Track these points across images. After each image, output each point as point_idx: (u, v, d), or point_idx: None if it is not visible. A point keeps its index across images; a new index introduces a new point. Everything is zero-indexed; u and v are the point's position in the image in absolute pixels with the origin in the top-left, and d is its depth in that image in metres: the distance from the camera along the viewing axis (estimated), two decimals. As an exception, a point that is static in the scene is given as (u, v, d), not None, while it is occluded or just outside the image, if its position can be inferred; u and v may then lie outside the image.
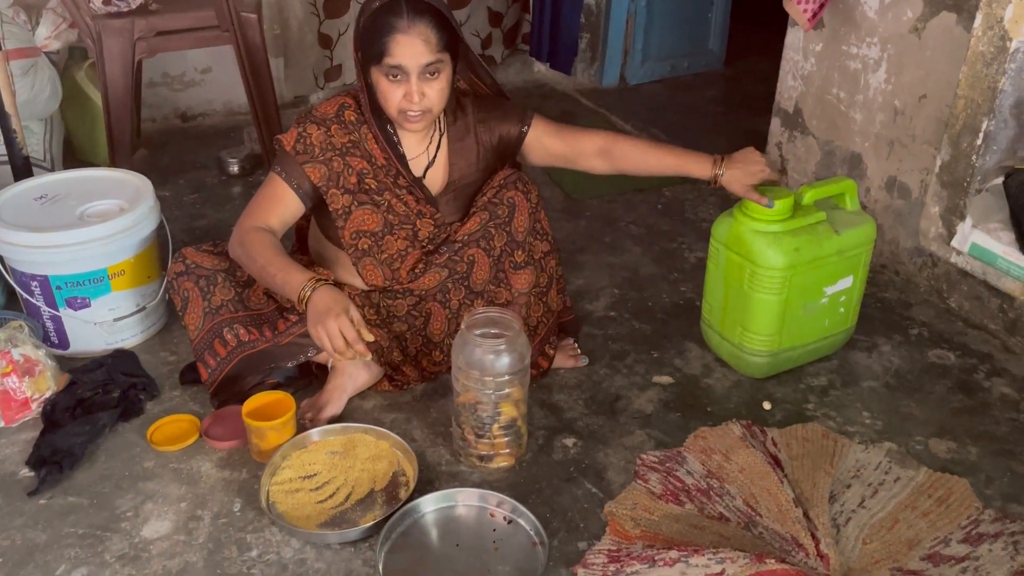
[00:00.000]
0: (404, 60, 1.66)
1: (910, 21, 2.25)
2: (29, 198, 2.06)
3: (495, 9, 3.85)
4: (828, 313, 1.97)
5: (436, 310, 1.90)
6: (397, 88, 1.69)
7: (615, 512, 1.61)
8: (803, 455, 1.75)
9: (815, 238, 1.87)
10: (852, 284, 1.97)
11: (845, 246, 1.91)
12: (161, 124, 3.40)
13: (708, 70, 4.16)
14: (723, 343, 2.01)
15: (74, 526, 1.59)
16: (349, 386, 1.86)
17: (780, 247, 1.84)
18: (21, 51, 2.59)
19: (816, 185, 1.92)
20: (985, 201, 2.14)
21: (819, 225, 1.89)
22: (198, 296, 1.82)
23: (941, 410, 1.92)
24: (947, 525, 1.60)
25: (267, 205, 1.78)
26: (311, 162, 1.77)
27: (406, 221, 1.85)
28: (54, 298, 1.96)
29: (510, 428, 1.70)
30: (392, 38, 1.65)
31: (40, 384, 1.84)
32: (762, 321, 1.90)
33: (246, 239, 1.72)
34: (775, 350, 1.94)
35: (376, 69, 1.70)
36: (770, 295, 1.87)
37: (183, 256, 1.87)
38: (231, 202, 2.83)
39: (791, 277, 1.86)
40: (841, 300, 1.97)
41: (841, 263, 1.92)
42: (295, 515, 1.58)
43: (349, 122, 1.80)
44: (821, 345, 2.02)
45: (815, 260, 1.88)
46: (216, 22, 2.63)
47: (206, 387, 1.85)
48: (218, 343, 1.81)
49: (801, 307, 1.91)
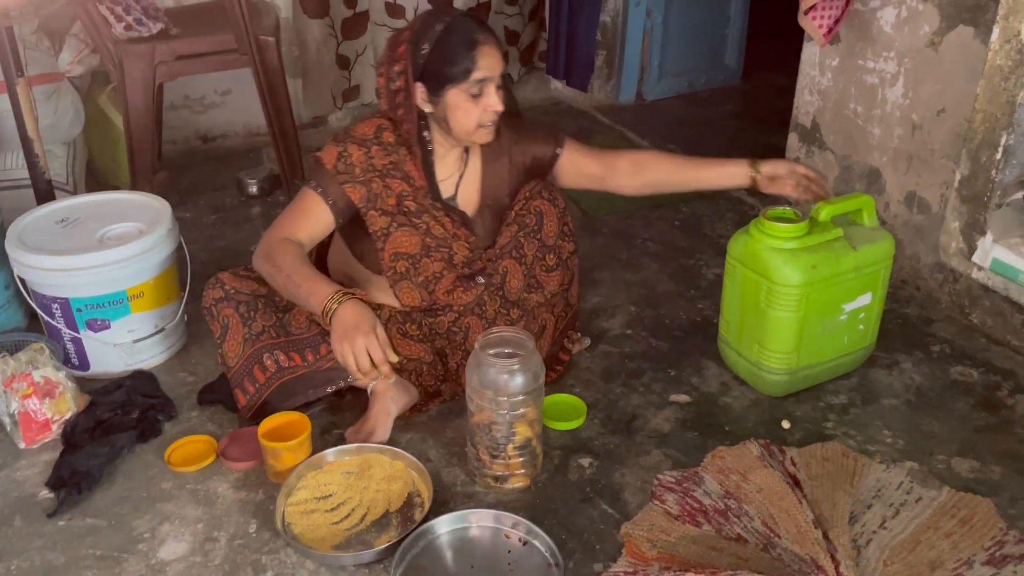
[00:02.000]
0: (490, 71, 1.71)
1: (927, 35, 2.24)
2: (50, 221, 2.09)
3: (512, 28, 3.87)
4: (847, 330, 1.95)
5: (474, 323, 1.90)
6: (477, 103, 1.72)
7: (631, 533, 1.60)
8: (823, 475, 1.73)
9: (832, 255, 1.86)
10: (871, 301, 1.95)
11: (863, 263, 1.89)
12: (182, 146, 3.44)
13: (725, 85, 4.15)
14: (740, 361, 2.00)
15: (92, 547, 1.60)
16: (393, 409, 1.84)
17: (797, 264, 1.83)
18: (44, 76, 2.63)
19: (833, 201, 1.91)
20: (1006, 216, 2.12)
21: (836, 242, 1.88)
22: (238, 323, 1.79)
23: (964, 428, 1.89)
24: (971, 546, 1.57)
25: (298, 218, 1.78)
26: (351, 182, 1.78)
27: (443, 244, 1.86)
28: (74, 320, 1.99)
29: (525, 448, 1.69)
30: (478, 51, 1.69)
31: (60, 405, 1.86)
32: (779, 339, 1.89)
33: (273, 249, 1.72)
34: (793, 368, 1.92)
35: (456, 89, 1.71)
36: (787, 312, 1.85)
37: (221, 282, 1.83)
38: (250, 223, 2.85)
39: (808, 294, 1.84)
40: (860, 317, 1.95)
41: (859, 280, 1.90)
42: (310, 536, 1.59)
43: (388, 143, 1.81)
44: (840, 363, 2.00)
45: (832, 277, 1.86)
46: (235, 46, 2.66)
47: (242, 413, 1.84)
48: (257, 369, 1.79)
49: (819, 324, 1.90)
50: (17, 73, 2.16)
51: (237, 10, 2.57)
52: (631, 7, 3.72)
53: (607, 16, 3.80)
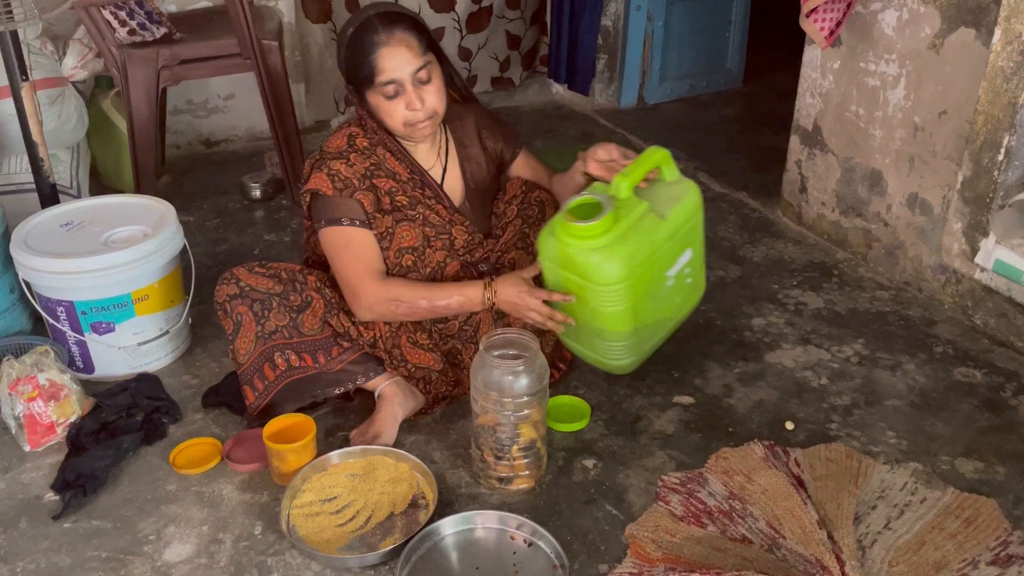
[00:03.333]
0: (395, 72, 1.69)
1: (928, 37, 2.24)
2: (55, 225, 2.09)
3: (513, 32, 3.89)
4: (677, 291, 1.88)
5: (484, 317, 1.91)
6: (397, 103, 1.72)
7: (636, 534, 1.60)
8: (827, 476, 1.73)
9: (644, 234, 1.73)
10: (692, 255, 1.86)
11: (675, 228, 1.78)
12: (185, 150, 3.45)
13: (727, 89, 4.16)
14: (585, 353, 1.91)
15: (97, 550, 1.60)
16: (400, 414, 1.84)
17: (613, 260, 1.69)
18: (48, 81, 2.64)
19: (629, 171, 1.74)
20: (1008, 217, 2.12)
21: (644, 219, 1.73)
22: (251, 320, 1.78)
23: (967, 429, 1.89)
24: (975, 547, 1.57)
25: (358, 258, 1.78)
26: (358, 191, 1.78)
27: (442, 231, 1.87)
28: (79, 323, 1.99)
29: (529, 449, 1.69)
30: (376, 54, 1.68)
31: (65, 408, 1.86)
32: (616, 329, 1.80)
33: (388, 297, 1.76)
34: (636, 347, 1.85)
35: (371, 93, 1.73)
36: (617, 306, 1.74)
37: (236, 278, 1.81)
38: (253, 226, 2.86)
39: (633, 282, 1.73)
40: (686, 272, 1.87)
41: (676, 244, 1.80)
42: (315, 539, 1.59)
43: (364, 148, 1.82)
44: (678, 317, 1.95)
45: (651, 255, 1.75)
46: (238, 50, 2.67)
47: (250, 410, 1.83)
48: (268, 367, 1.79)
49: (649, 300, 1.80)
50: (22, 77, 2.17)
51: (240, 15, 2.58)
52: (632, 11, 3.73)
53: (608, 20, 3.81)
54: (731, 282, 2.50)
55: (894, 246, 2.49)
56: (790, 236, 2.76)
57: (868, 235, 2.57)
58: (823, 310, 2.35)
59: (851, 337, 2.23)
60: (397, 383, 1.85)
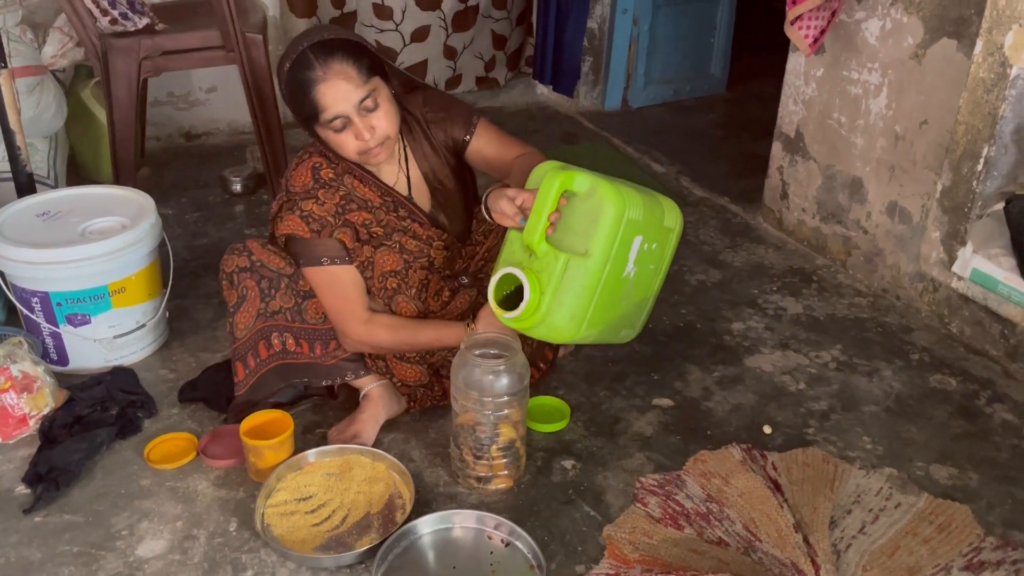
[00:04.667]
0: (337, 108, 1.63)
1: (911, 47, 2.27)
2: (31, 215, 2.06)
3: (499, 32, 3.88)
4: (641, 280, 1.74)
5: None
6: (346, 136, 1.67)
7: (614, 536, 1.60)
8: (803, 480, 1.74)
9: (578, 285, 1.58)
10: (641, 240, 1.67)
11: (605, 254, 1.59)
12: (166, 143, 3.42)
13: (710, 94, 4.18)
14: None
15: (69, 544, 1.58)
16: (382, 416, 1.83)
17: (558, 327, 1.61)
18: (27, 69, 2.60)
19: (534, 222, 1.55)
20: (986, 227, 2.14)
21: (570, 270, 1.57)
22: (256, 296, 1.75)
23: (942, 436, 1.91)
24: (948, 552, 1.59)
25: (345, 296, 1.76)
26: (335, 229, 1.74)
27: (420, 255, 1.85)
28: (54, 314, 1.96)
29: (509, 449, 1.69)
30: (316, 91, 1.62)
31: (38, 401, 1.83)
32: (604, 341, 1.77)
33: (374, 341, 1.77)
34: (632, 324, 1.82)
35: (319, 128, 1.68)
36: (591, 334, 1.69)
37: (249, 250, 1.76)
38: (233, 220, 2.84)
39: (591, 317, 1.64)
40: (646, 250, 1.70)
41: (617, 254, 1.61)
42: (290, 538, 1.57)
43: (330, 181, 1.76)
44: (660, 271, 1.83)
45: (593, 293, 1.61)
46: (221, 42, 2.65)
47: (237, 388, 1.80)
48: (263, 345, 1.77)
49: (619, 303, 1.70)
50: (0, 65, 2.14)
51: (224, 6, 2.55)
52: (618, 14, 3.74)
53: (594, 23, 3.82)
54: (711, 286, 2.52)
55: (873, 253, 2.51)
56: (771, 241, 2.78)
57: (848, 242, 2.59)
58: (802, 315, 2.37)
59: (829, 343, 2.24)
60: (384, 386, 1.85)
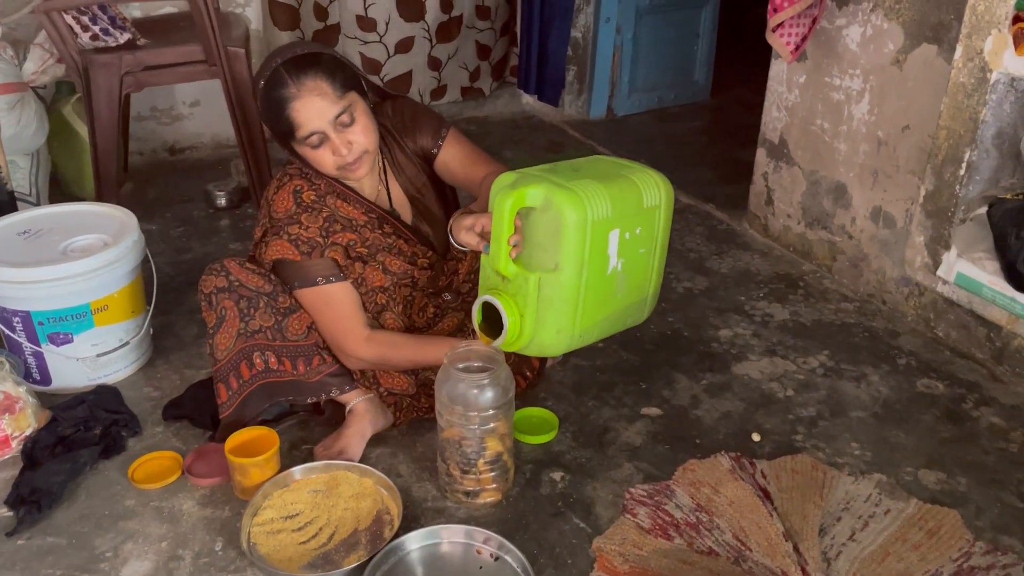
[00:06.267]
0: (313, 124, 1.63)
1: (891, 53, 2.28)
2: (12, 233, 2.05)
3: (483, 43, 3.89)
4: (633, 272, 1.66)
5: None
6: (323, 152, 1.67)
7: (603, 547, 1.59)
8: (792, 487, 1.74)
9: (555, 300, 1.55)
10: (620, 230, 1.59)
11: (577, 264, 1.53)
12: (149, 157, 3.40)
13: (694, 101, 4.20)
14: None
15: (52, 567, 1.55)
16: (369, 431, 1.82)
17: (547, 344, 1.60)
18: (8, 86, 2.59)
19: (496, 247, 1.52)
20: (970, 230, 2.15)
21: (544, 289, 1.54)
22: (235, 317, 1.73)
23: (930, 440, 1.91)
24: (938, 558, 1.58)
25: (343, 314, 1.76)
26: (326, 248, 1.74)
27: (404, 275, 1.85)
28: (36, 334, 1.94)
29: (496, 463, 1.68)
30: (290, 108, 1.62)
31: (20, 421, 1.81)
32: (605, 335, 1.74)
33: (377, 357, 1.77)
34: (638, 313, 1.76)
35: (296, 145, 1.68)
36: (588, 339, 1.67)
37: (226, 270, 1.74)
38: (218, 235, 2.82)
39: (583, 327, 1.62)
40: (628, 239, 1.61)
41: (593, 258, 1.55)
42: (277, 557, 1.56)
43: (312, 203, 1.76)
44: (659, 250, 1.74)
45: (576, 303, 1.57)
46: (204, 57, 2.64)
47: (221, 410, 1.78)
48: (245, 365, 1.75)
49: (610, 299, 1.65)
50: (-21, 82, 2.13)
51: (206, 21, 2.55)
52: (601, 23, 3.75)
53: (578, 32, 3.83)
54: (698, 293, 2.52)
55: (858, 258, 2.51)
56: (756, 248, 2.78)
57: (833, 247, 2.59)
58: (789, 321, 2.37)
59: (816, 348, 2.25)
60: (370, 400, 1.83)
